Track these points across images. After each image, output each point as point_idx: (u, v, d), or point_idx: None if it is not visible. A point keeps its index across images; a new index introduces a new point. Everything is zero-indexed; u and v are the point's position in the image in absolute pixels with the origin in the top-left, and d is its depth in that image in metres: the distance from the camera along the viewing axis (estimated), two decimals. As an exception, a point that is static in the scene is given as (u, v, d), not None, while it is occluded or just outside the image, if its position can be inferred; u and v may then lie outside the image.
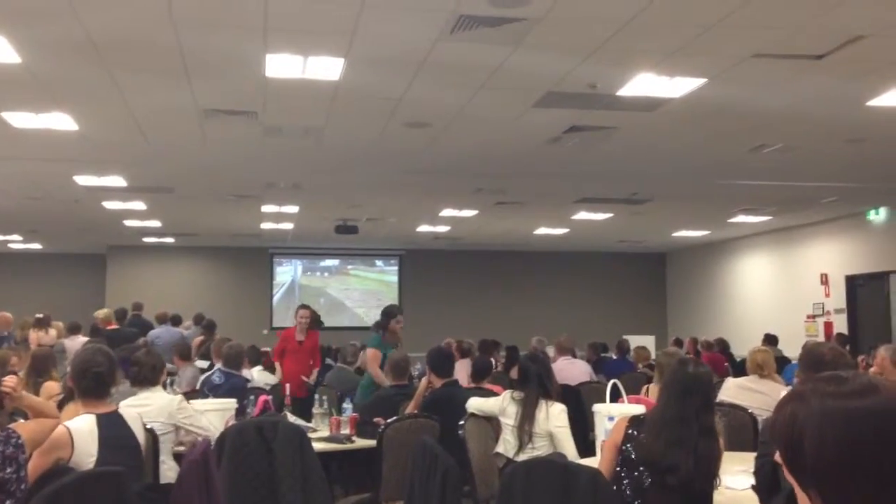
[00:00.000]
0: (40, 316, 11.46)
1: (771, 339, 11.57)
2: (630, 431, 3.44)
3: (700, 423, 3.36)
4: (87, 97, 6.86)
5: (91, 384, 3.73)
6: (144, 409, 4.78)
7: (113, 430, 3.67)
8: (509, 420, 4.79)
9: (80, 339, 10.00)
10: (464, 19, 5.11)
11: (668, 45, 5.61)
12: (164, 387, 5.37)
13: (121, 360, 6.37)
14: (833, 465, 1.21)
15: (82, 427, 3.57)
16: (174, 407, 4.80)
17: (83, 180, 10.42)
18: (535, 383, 4.82)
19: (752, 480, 3.35)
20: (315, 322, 9.00)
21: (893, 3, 4.90)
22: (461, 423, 4.85)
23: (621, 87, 6.51)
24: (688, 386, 3.42)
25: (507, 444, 4.79)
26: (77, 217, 13.59)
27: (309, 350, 8.80)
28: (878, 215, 12.98)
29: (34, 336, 10.90)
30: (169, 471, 4.50)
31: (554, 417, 4.69)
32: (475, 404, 5.10)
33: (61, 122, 7.50)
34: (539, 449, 4.62)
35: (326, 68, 6.06)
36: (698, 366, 3.56)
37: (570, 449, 4.59)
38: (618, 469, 3.43)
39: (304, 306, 9.21)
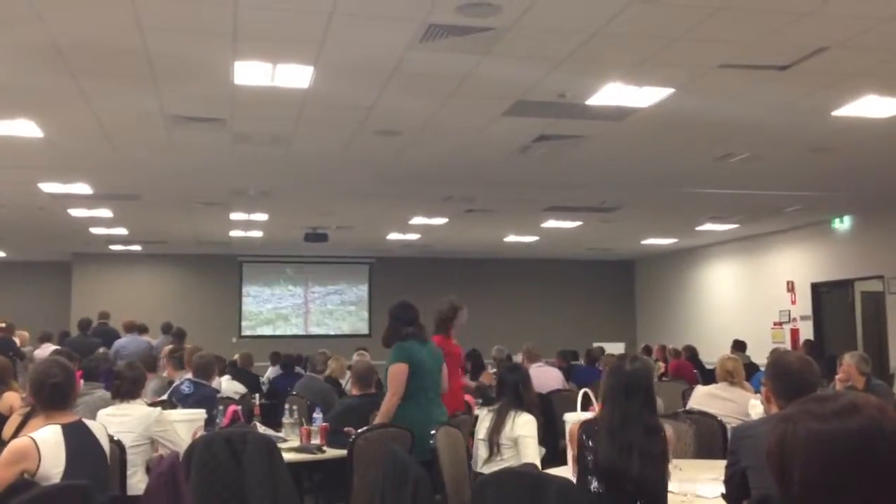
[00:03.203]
0: (3, 325, 11.28)
1: (739, 346, 11.67)
2: (583, 438, 3.47)
3: (644, 422, 3.40)
4: (53, 104, 6.77)
5: (49, 396, 3.69)
6: (123, 419, 4.73)
7: (79, 439, 3.63)
8: (480, 434, 4.81)
9: (50, 348, 9.86)
10: (433, 28, 5.12)
11: (636, 55, 5.66)
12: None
13: (85, 370, 6.31)
14: (818, 485, 1.23)
15: (48, 438, 3.52)
16: (152, 419, 4.75)
17: (48, 187, 10.28)
18: (510, 393, 4.82)
19: (722, 488, 3.37)
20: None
21: (855, 16, 4.98)
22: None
23: (590, 97, 6.55)
24: (629, 385, 3.45)
25: (476, 457, 4.81)
26: (42, 225, 13.39)
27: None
28: (843, 224, 13.16)
29: (-3, 345, 10.72)
30: (139, 482, 4.45)
31: (519, 426, 4.69)
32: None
33: (26, 128, 7.38)
34: (507, 459, 4.61)
35: (295, 76, 6.04)
36: (635, 362, 3.56)
37: (532, 458, 4.59)
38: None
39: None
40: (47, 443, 3.49)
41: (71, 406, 3.79)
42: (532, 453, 4.63)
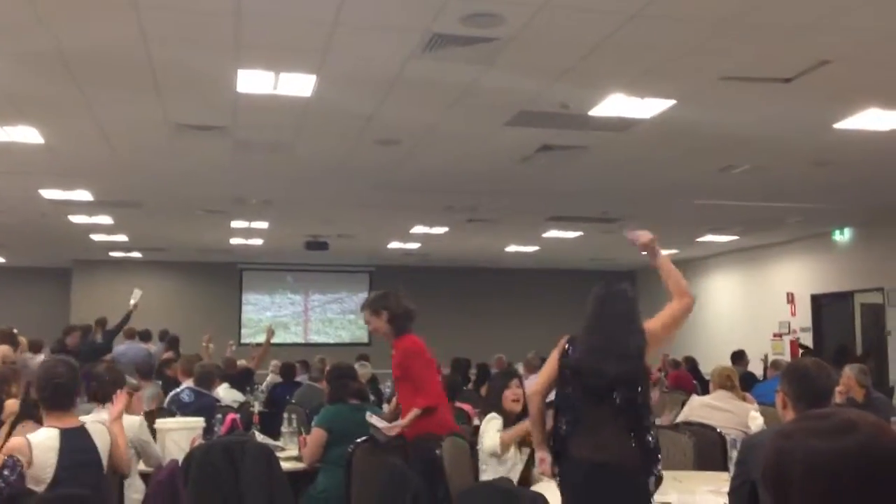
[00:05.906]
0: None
1: (739, 356, 11.60)
2: (567, 348, 3.79)
3: (630, 326, 3.75)
4: (55, 111, 6.77)
5: (52, 395, 3.71)
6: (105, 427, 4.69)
7: (75, 445, 3.64)
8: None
9: (41, 358, 9.82)
10: (436, 38, 5.12)
11: (638, 67, 5.66)
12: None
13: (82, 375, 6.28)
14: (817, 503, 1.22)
15: (42, 441, 3.56)
16: (136, 426, 4.72)
17: (49, 194, 10.29)
18: (492, 399, 4.99)
19: (721, 500, 3.35)
20: None
21: (859, 29, 4.99)
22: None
23: (593, 108, 6.56)
24: (604, 298, 3.88)
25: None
26: (42, 231, 13.40)
27: None
28: (843, 236, 13.16)
29: (-2, 350, 10.68)
30: (135, 493, 4.43)
31: (483, 423, 4.82)
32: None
33: (27, 135, 7.39)
34: (486, 463, 4.70)
35: (298, 85, 6.04)
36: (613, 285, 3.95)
37: (485, 438, 4.71)
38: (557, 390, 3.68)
39: None
40: (40, 446, 3.54)
41: (73, 406, 3.79)
42: (486, 436, 4.72)
